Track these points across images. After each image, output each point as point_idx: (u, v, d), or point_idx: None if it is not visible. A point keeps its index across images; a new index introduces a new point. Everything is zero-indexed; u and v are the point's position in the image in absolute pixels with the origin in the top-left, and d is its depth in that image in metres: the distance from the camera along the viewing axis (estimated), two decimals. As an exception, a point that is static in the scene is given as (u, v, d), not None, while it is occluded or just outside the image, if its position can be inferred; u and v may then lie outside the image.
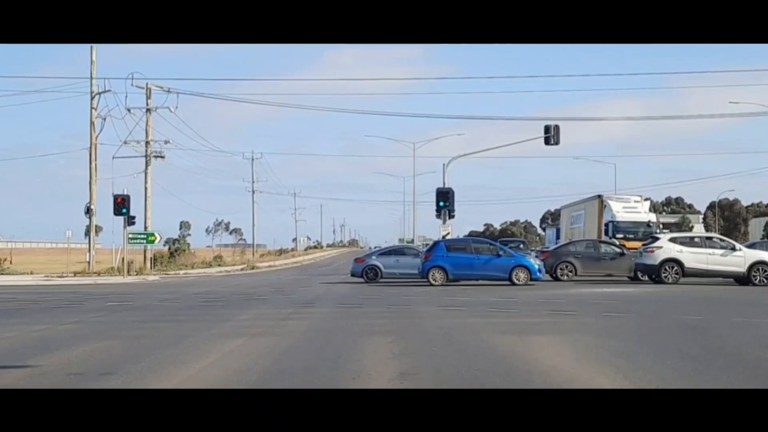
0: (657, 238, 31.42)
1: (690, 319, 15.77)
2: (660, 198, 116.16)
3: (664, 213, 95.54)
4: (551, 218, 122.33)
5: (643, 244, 32.25)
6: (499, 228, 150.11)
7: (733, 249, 29.70)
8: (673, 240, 30.39)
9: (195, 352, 11.39)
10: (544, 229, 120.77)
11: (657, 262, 29.43)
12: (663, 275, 29.18)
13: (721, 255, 29.30)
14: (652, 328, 14.20)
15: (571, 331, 13.72)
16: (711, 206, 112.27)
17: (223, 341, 12.62)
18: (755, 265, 28.90)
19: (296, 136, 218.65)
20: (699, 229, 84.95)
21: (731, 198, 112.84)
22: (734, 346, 11.94)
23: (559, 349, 11.39)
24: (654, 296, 22.88)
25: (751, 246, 34.80)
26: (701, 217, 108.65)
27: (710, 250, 29.47)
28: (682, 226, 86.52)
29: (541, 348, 11.46)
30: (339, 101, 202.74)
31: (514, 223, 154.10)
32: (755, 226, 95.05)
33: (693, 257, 29.33)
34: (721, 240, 31.14)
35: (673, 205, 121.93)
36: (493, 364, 10.08)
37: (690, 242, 30.38)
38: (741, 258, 29.18)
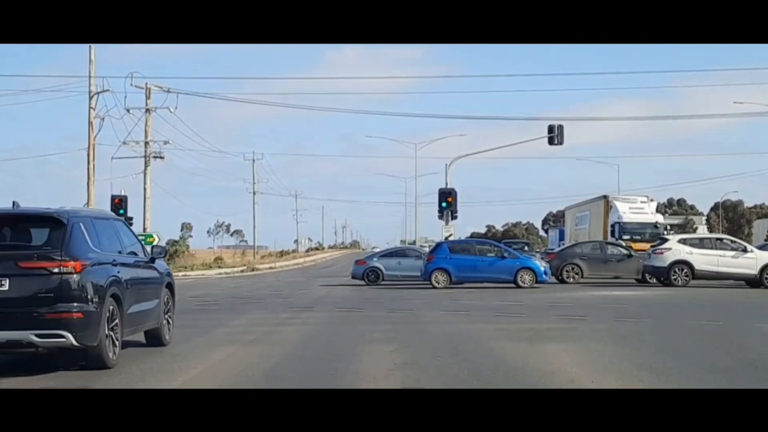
0: (666, 240, 30.56)
1: (709, 325, 14.94)
2: (662, 199, 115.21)
3: (666, 214, 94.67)
4: (553, 219, 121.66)
5: (652, 246, 31.38)
6: (501, 229, 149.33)
7: (744, 250, 28.82)
8: (682, 241, 29.51)
9: (180, 362, 10.56)
10: (546, 231, 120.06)
11: (666, 264, 28.54)
12: (672, 277, 28.30)
13: (732, 257, 28.42)
14: (672, 335, 13.35)
15: (584, 338, 12.87)
16: (714, 207, 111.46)
17: (213, 349, 11.79)
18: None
19: (297, 137, 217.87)
20: (702, 231, 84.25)
21: (735, 199, 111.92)
22: (763, 355, 11.13)
23: (575, 359, 10.54)
24: (666, 300, 22.03)
25: (762, 247, 33.85)
26: (704, 218, 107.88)
27: (721, 252, 28.59)
28: (686, 227, 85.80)
29: (556, 358, 10.61)
30: (339, 102, 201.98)
31: (516, 225, 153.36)
32: (759, 228, 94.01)
33: (703, 259, 28.44)
34: (732, 241, 30.27)
35: (676, 207, 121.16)
36: (504, 376, 9.25)
37: (700, 243, 29.49)
38: (753, 260, 28.29)
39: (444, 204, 39.11)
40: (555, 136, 38.60)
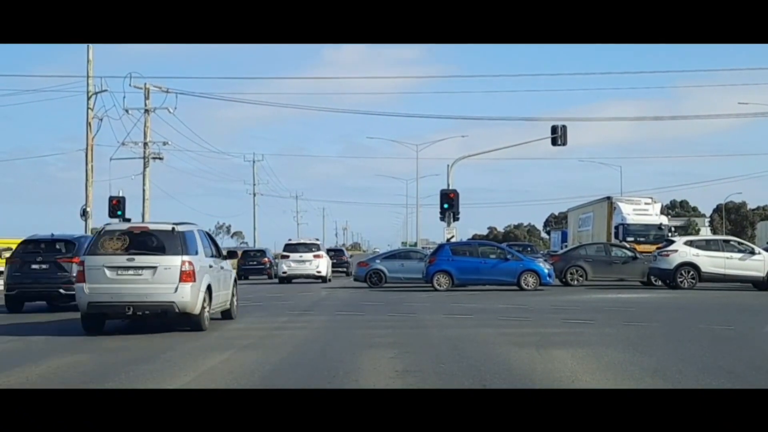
0: (672, 241, 30.05)
1: (720, 329, 14.45)
2: (665, 201, 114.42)
3: (669, 216, 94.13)
4: (555, 221, 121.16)
5: (658, 248, 30.87)
6: (502, 231, 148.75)
7: (752, 252, 28.34)
8: (689, 243, 28.99)
9: (171, 369, 10.08)
10: (548, 233, 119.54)
11: (672, 266, 28.04)
12: (679, 280, 27.79)
13: (739, 259, 27.92)
14: (683, 340, 12.85)
15: (593, 343, 12.37)
16: (717, 209, 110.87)
17: (206, 355, 11.31)
18: (775, 270, 27.49)
19: (297, 138, 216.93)
20: (705, 233, 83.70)
21: (738, 201, 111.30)
22: (781, 362, 10.65)
23: (585, 365, 10.06)
24: (673, 303, 21.53)
25: (768, 249, 33.31)
26: (707, 220, 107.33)
27: (728, 254, 28.08)
28: (689, 229, 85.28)
29: (564, 365, 10.12)
30: (339, 102, 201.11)
31: (518, 227, 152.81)
32: (762, 230, 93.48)
33: (710, 261, 27.92)
34: (739, 243, 29.76)
35: (678, 209, 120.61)
36: (511, 385, 8.77)
37: (707, 245, 28.94)
38: (760, 262, 27.78)
39: (446, 205, 38.60)
40: (558, 136, 38.09)
